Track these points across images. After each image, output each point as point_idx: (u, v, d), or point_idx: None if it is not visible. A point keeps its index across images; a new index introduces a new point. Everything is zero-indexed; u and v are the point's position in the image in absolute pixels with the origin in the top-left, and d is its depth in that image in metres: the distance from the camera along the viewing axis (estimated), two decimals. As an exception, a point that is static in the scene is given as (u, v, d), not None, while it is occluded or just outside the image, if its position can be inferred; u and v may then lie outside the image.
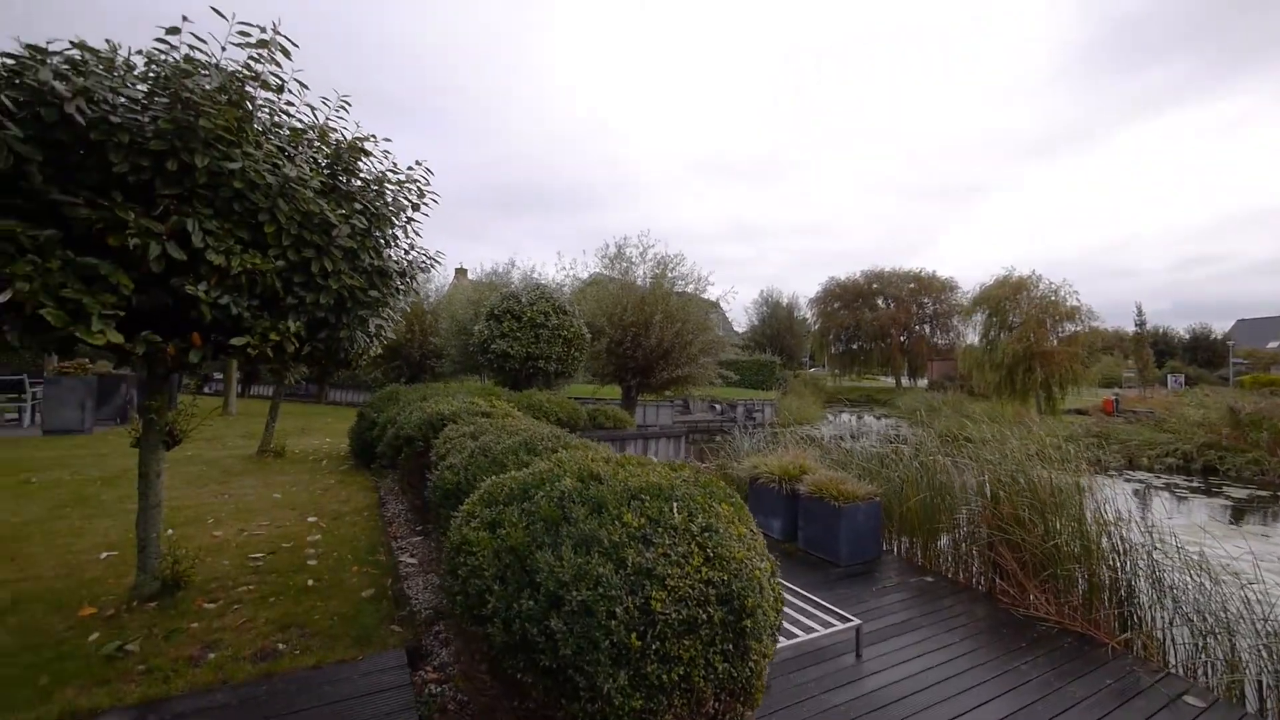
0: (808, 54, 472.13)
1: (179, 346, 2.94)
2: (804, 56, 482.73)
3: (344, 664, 2.81)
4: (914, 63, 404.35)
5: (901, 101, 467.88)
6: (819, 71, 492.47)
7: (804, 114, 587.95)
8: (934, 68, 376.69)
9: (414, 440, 4.95)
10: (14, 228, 2.41)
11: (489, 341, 10.51)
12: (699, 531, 1.98)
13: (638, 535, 1.91)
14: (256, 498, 5.83)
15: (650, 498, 2.09)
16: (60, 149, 2.60)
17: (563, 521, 1.99)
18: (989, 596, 4.36)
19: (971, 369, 27.34)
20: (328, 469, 7.49)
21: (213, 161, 2.79)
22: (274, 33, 3.07)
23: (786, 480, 5.80)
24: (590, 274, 15.98)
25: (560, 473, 2.32)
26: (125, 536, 4.39)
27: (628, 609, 1.72)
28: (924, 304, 45.88)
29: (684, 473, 2.49)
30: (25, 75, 2.51)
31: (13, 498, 5.58)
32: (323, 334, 3.46)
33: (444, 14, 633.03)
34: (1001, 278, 26.93)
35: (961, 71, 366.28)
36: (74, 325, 2.54)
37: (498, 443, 3.37)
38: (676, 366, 13.37)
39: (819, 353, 50.39)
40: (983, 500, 4.91)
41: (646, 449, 10.07)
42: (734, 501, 2.33)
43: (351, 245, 3.30)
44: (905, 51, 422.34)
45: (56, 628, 3.10)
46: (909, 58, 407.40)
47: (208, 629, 3.14)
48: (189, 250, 2.78)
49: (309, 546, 4.44)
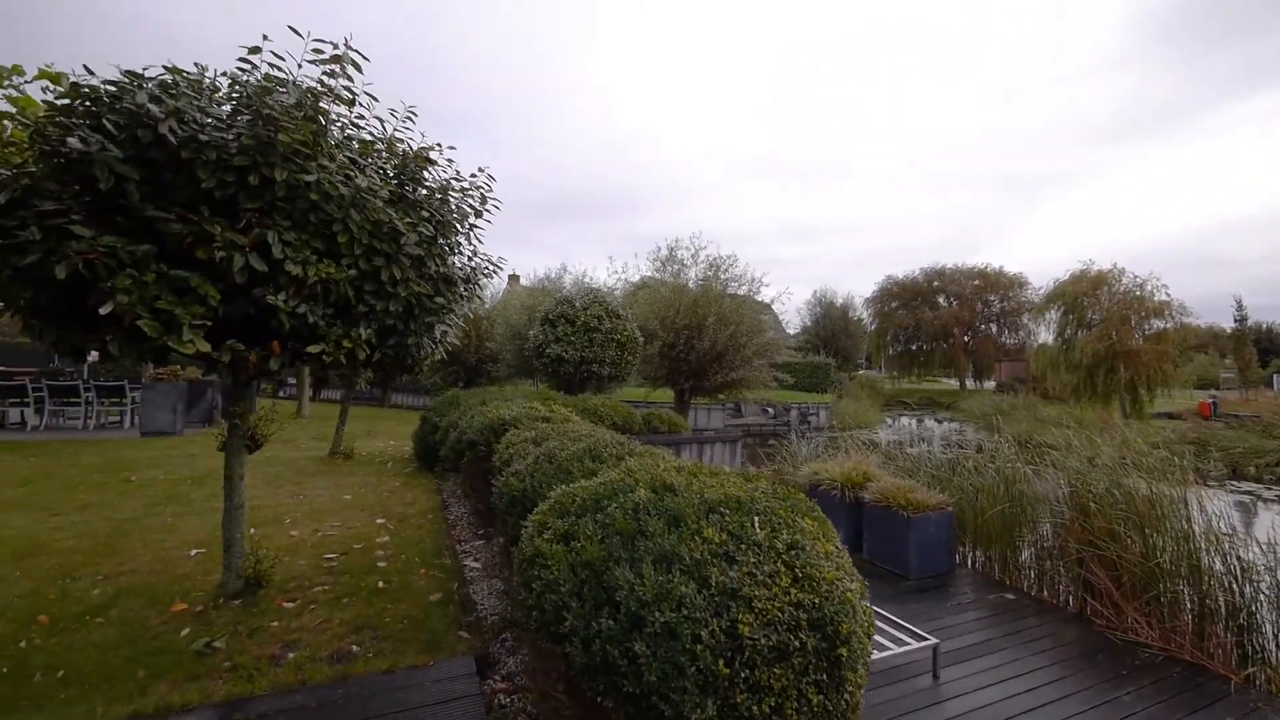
0: (849, 49, 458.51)
1: (260, 354, 3.04)
2: (846, 51, 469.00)
3: (415, 670, 2.82)
4: (981, 50, 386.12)
5: (962, 91, 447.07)
6: (888, 63, 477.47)
7: (859, 110, 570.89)
8: (1002, 52, 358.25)
9: (476, 445, 5.01)
10: (115, 243, 2.55)
11: (544, 346, 10.63)
12: (785, 549, 1.85)
13: (719, 552, 1.80)
14: (328, 499, 6.06)
15: (730, 511, 1.98)
16: (154, 168, 2.73)
17: (638, 535, 1.90)
18: (1080, 618, 4.00)
19: (1045, 370, 25.67)
20: (393, 471, 7.73)
21: (291, 175, 2.87)
22: (346, 48, 3.15)
23: (849, 487, 5.57)
24: (640, 277, 15.96)
25: (632, 483, 2.23)
26: (212, 534, 4.63)
27: (713, 632, 1.61)
28: (990, 302, 43.48)
29: (761, 484, 2.35)
30: (124, 99, 2.66)
31: (116, 495, 6.01)
32: (392, 341, 3.52)
33: (489, 31, 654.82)
34: (1078, 272, 25.16)
35: (1036, 54, 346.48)
36: (167, 335, 2.67)
37: (562, 449, 3.33)
38: (730, 369, 13.14)
39: (875, 354, 48.62)
40: (1070, 512, 4.52)
41: (701, 454, 9.90)
42: (816, 515, 2.18)
43: (419, 253, 3.35)
44: (966, 39, 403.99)
45: (152, 621, 3.27)
46: (972, 46, 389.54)
47: (287, 628, 3.23)
48: (269, 261, 2.87)
49: (378, 548, 4.55)
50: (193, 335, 2.71)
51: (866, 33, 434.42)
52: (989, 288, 43.04)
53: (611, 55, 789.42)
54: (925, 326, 42.96)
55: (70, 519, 5.13)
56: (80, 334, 2.83)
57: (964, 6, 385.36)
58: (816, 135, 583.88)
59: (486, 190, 3.86)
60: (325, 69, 3.15)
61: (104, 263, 2.52)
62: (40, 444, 9.29)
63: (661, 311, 13.13)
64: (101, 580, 3.81)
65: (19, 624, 3.21)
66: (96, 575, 3.90)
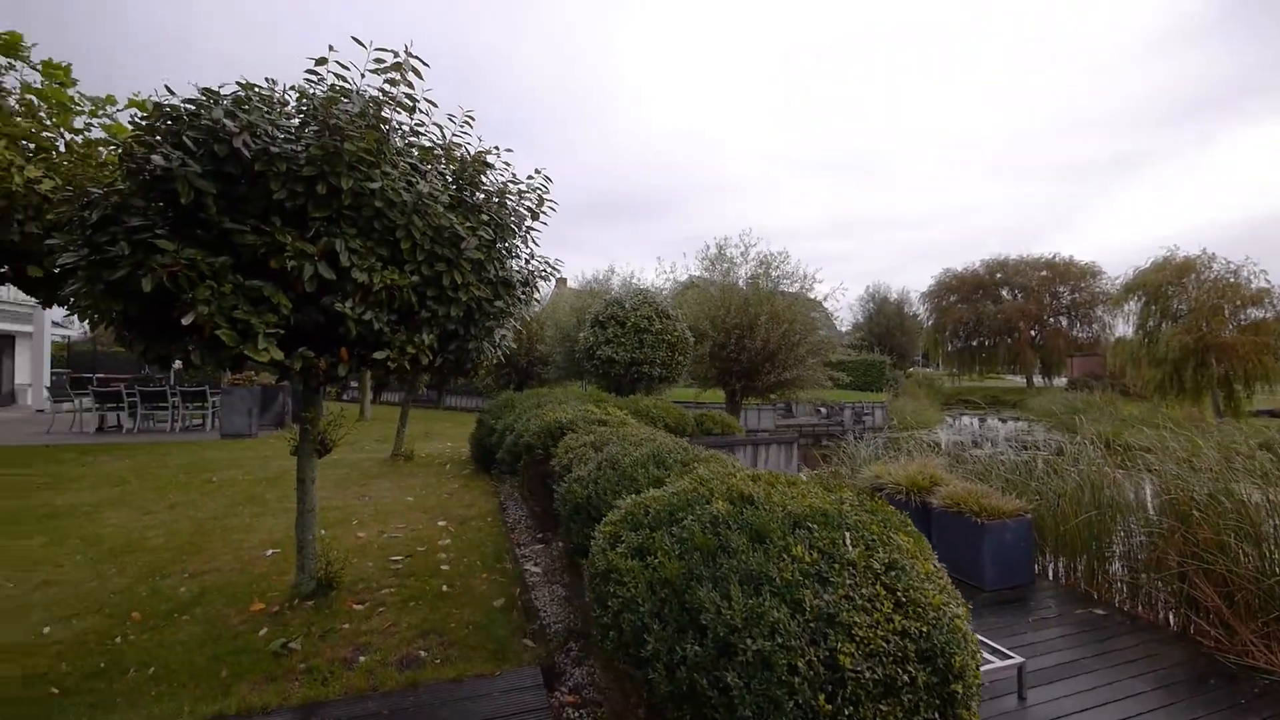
0: (927, 35, 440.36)
1: (329, 361, 3.09)
2: (922, 37, 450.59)
3: (483, 679, 2.79)
4: (1036, 18, 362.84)
5: (1026, 67, 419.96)
6: (943, 52, 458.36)
7: (915, 98, 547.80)
8: (1065, 21, 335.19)
9: (533, 448, 5.00)
10: (196, 255, 2.63)
11: (594, 348, 10.63)
12: (883, 569, 1.68)
13: (811, 572, 1.65)
14: (392, 500, 6.22)
15: (818, 526, 1.82)
16: (230, 181, 2.81)
17: (720, 552, 1.78)
18: (1182, 637, 3.62)
19: (1125, 365, 23.84)
20: (451, 473, 7.88)
21: (356, 183, 2.90)
22: (406, 55, 3.16)
23: (916, 492, 5.27)
24: (689, 276, 15.79)
25: (707, 494, 2.11)
26: (286, 535, 4.80)
27: (810, 663, 1.46)
28: (1059, 294, 40.89)
29: (845, 494, 2.18)
30: (202, 116, 2.74)
31: (199, 494, 6.37)
32: (453, 346, 3.53)
33: (530, 38, 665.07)
34: (1160, 260, 23.25)
35: (1107, 21, 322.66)
36: (244, 344, 2.74)
37: (624, 455, 3.24)
38: (783, 369, 12.80)
39: (933, 350, 46.63)
40: (1169, 520, 4.11)
41: (756, 456, 9.66)
42: (911, 531, 2.00)
43: (479, 257, 3.33)
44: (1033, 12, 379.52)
45: (233, 620, 3.39)
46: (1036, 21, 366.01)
47: (357, 631, 3.28)
48: (336, 269, 2.91)
49: (441, 551, 4.60)
50: (267, 344, 2.77)
51: (930, 13, 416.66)
52: (1058, 278, 40.47)
53: (640, 53, 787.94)
54: (987, 321, 40.82)
55: (160, 517, 5.45)
56: (165, 343, 2.94)
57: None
58: (864, 125, 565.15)
59: (543, 191, 3.82)
60: (386, 77, 3.18)
61: (186, 274, 2.60)
62: (134, 445, 10.00)
63: (711, 311, 12.93)
64: (188, 578, 4.00)
65: (115, 619, 3.39)
66: (183, 573, 4.09)
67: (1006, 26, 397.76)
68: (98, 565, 4.22)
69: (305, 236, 2.89)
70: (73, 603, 3.60)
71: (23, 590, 3.79)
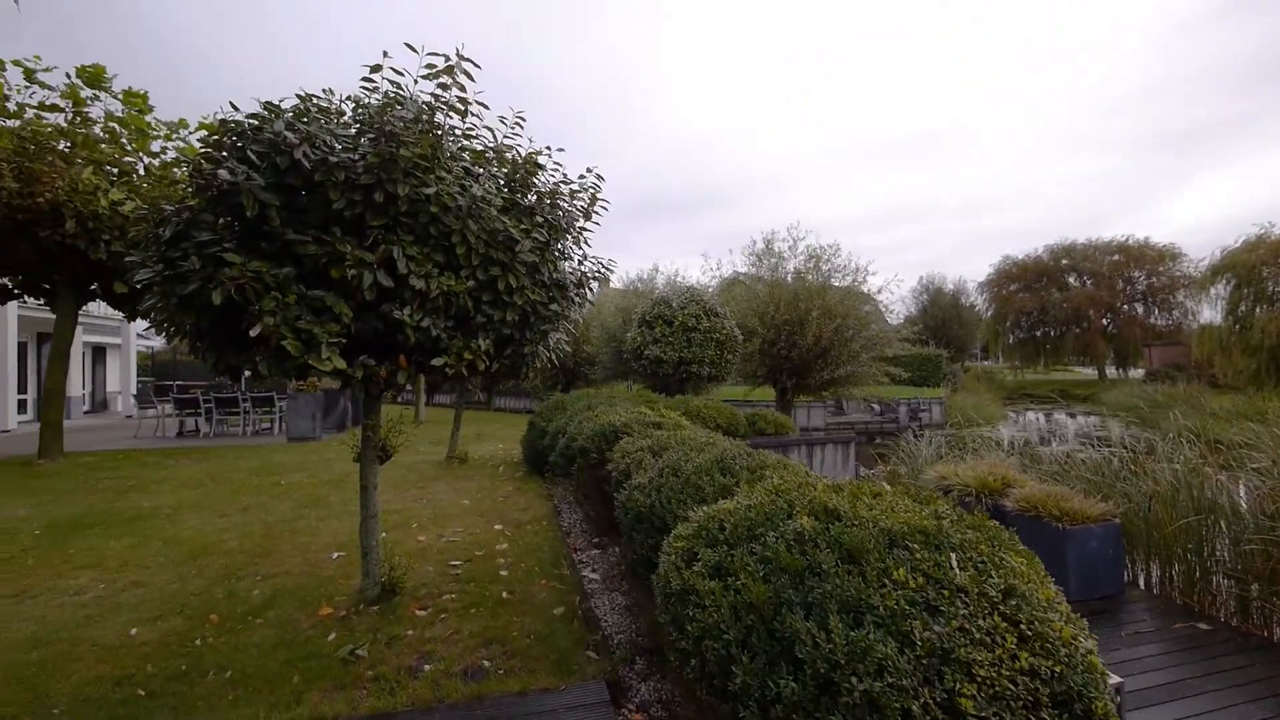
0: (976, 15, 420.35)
1: (389, 369, 3.10)
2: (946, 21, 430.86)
3: (548, 693, 2.72)
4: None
5: (1093, 32, 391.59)
6: (983, 33, 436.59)
7: (972, 78, 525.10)
8: None
9: (588, 452, 4.93)
10: (261, 267, 2.66)
11: (642, 348, 10.54)
12: (1000, 597, 1.49)
13: (917, 600, 1.47)
14: (449, 503, 6.30)
15: (918, 545, 1.64)
16: (291, 193, 2.84)
17: (808, 573, 1.62)
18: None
19: (1212, 354, 22.03)
20: (504, 475, 7.95)
21: (412, 189, 2.88)
22: (458, 58, 3.13)
23: (987, 494, 4.95)
24: (733, 272, 15.49)
25: (786, 506, 1.95)
26: (350, 538, 4.91)
27: (926, 706, 1.29)
28: (1134, 279, 38.10)
29: (939, 507, 1.98)
30: (264, 130, 2.77)
31: (269, 497, 6.63)
32: (509, 351, 3.49)
33: (568, 47, 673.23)
34: (1254, 238, 21.32)
35: None
36: (308, 354, 2.75)
37: (686, 461, 3.10)
38: (836, 366, 12.37)
39: (992, 342, 44.32)
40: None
41: (811, 457, 9.33)
42: (1022, 550, 1.78)
43: (533, 259, 3.27)
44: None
45: (303, 625, 3.45)
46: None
47: (421, 638, 3.27)
48: (395, 277, 2.90)
49: (499, 556, 4.59)
50: (330, 353, 2.79)
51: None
52: (1132, 262, 37.70)
53: (677, 52, 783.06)
54: (1052, 310, 38.45)
55: (233, 520, 5.69)
56: (235, 354, 3.01)
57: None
58: (918, 108, 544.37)
59: (595, 190, 3.73)
60: (438, 81, 3.16)
61: (252, 286, 2.64)
62: (209, 449, 10.58)
63: (760, 307, 12.62)
64: (260, 580, 4.12)
65: (195, 621, 3.51)
66: (255, 575, 4.22)
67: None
68: (179, 567, 4.41)
69: (364, 245, 2.89)
70: (157, 604, 3.76)
71: (113, 590, 3.99)
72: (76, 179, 7.58)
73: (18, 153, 7.36)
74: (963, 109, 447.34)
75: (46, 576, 4.23)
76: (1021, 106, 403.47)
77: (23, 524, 5.52)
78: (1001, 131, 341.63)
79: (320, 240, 2.84)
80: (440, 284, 2.99)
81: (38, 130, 7.66)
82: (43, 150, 7.60)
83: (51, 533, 5.27)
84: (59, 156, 7.75)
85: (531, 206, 3.44)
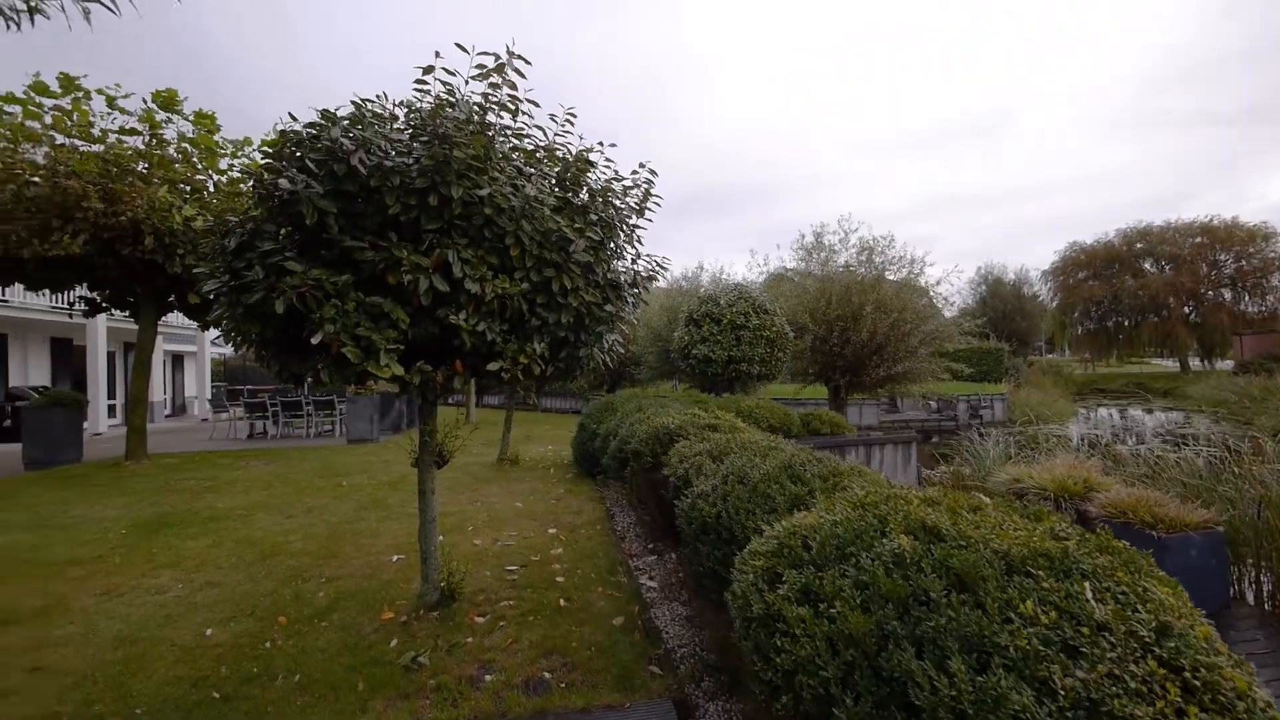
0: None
1: (445, 374, 3.06)
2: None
3: (612, 710, 2.61)
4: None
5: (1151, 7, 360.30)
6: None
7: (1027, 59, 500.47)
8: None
9: (641, 455, 4.82)
10: (321, 275, 2.66)
11: (689, 347, 10.36)
12: (1152, 637, 1.27)
13: (1052, 639, 1.27)
14: (502, 506, 6.31)
15: (1044, 572, 1.43)
16: (348, 199, 2.83)
17: (913, 602, 1.44)
18: None
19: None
20: (555, 478, 7.94)
21: (465, 191, 2.83)
22: (509, 55, 3.06)
23: (1066, 498, 4.63)
24: (779, 267, 15.07)
25: (878, 522, 1.76)
26: (409, 540, 4.96)
27: (1076, 769, 1.10)
28: (1220, 262, 35.14)
29: (1054, 524, 1.75)
30: (321, 137, 2.78)
31: (332, 499, 6.83)
32: (563, 353, 3.41)
33: (604, 49, 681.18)
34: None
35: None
36: (367, 361, 2.74)
37: (751, 467, 2.93)
38: (893, 362, 11.85)
39: (1058, 334, 41.87)
40: None
41: (869, 457, 8.94)
42: (1164, 577, 1.55)
43: (587, 259, 3.18)
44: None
45: (366, 629, 3.47)
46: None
47: (480, 646, 3.23)
48: (450, 281, 2.85)
49: (554, 561, 4.54)
50: (388, 359, 2.77)
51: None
52: (1217, 245, 34.75)
53: (708, 40, 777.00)
54: (1126, 298, 35.93)
55: (300, 521, 5.87)
56: (298, 362, 3.04)
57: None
58: (971, 90, 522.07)
59: (649, 186, 3.61)
60: (489, 81, 3.10)
61: (313, 295, 2.64)
62: (276, 450, 11.08)
63: (811, 303, 12.22)
64: (324, 583, 4.20)
65: (265, 622, 3.59)
66: (320, 577, 4.31)
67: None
68: (250, 567, 4.56)
69: (419, 250, 2.86)
70: (230, 605, 3.87)
71: (190, 590, 4.14)
72: (154, 198, 8.03)
73: (102, 175, 7.86)
74: (1012, 91, 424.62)
75: (132, 575, 4.44)
76: (1084, 83, 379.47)
77: (112, 524, 5.86)
78: (1065, 113, 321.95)
79: (377, 246, 2.83)
80: (495, 287, 2.93)
81: (119, 154, 8.16)
82: (124, 172, 8.09)
83: (136, 532, 5.57)
84: (138, 177, 8.23)
85: (584, 205, 3.34)
